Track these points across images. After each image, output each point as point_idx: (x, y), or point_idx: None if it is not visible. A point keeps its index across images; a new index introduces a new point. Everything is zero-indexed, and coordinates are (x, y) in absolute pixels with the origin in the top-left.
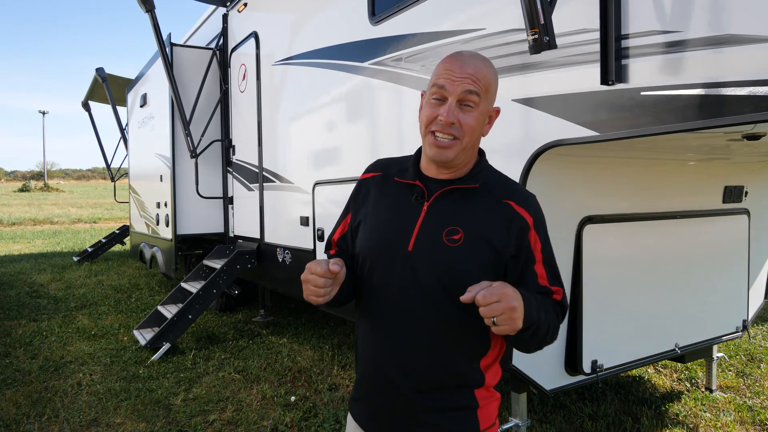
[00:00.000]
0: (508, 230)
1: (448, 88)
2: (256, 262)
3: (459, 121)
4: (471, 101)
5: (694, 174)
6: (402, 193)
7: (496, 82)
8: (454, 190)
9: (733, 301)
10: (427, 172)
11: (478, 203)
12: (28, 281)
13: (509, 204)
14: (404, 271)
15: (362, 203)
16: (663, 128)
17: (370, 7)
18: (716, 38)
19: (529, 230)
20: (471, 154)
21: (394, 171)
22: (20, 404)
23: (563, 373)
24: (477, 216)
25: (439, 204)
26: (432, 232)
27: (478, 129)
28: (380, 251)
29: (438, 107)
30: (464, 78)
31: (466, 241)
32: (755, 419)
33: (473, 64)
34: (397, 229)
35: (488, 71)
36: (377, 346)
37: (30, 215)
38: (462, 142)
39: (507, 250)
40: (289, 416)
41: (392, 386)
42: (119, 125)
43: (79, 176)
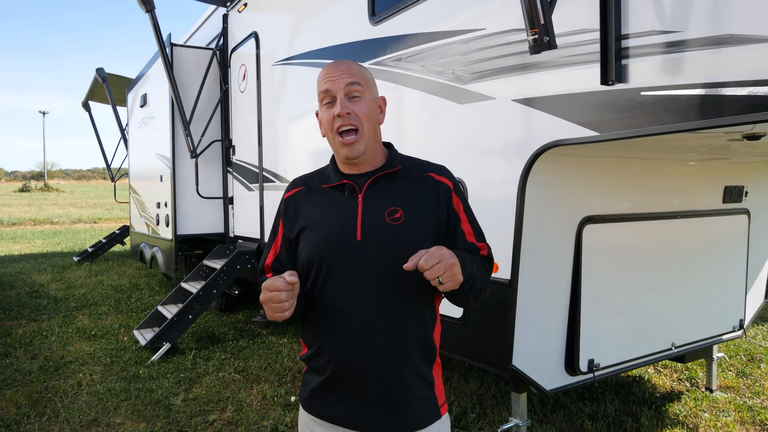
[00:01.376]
0: (437, 198)
1: (332, 87)
2: (256, 262)
3: (353, 111)
4: (356, 91)
5: (694, 174)
6: (333, 195)
7: (371, 76)
8: (379, 177)
9: (730, 301)
10: (349, 171)
11: (404, 183)
12: (29, 281)
13: (430, 176)
14: (357, 260)
15: (294, 218)
16: (663, 128)
17: (370, 7)
18: (716, 38)
19: (451, 194)
20: (378, 144)
21: (315, 182)
22: (20, 404)
23: (563, 373)
24: (408, 193)
25: (371, 192)
26: (374, 217)
27: (372, 115)
28: (331, 249)
29: (331, 108)
30: (341, 74)
31: (407, 217)
32: (755, 419)
33: (344, 63)
34: (341, 225)
35: (360, 66)
36: (344, 336)
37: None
38: (363, 130)
39: (441, 216)
40: (289, 416)
41: (361, 374)
42: (119, 125)
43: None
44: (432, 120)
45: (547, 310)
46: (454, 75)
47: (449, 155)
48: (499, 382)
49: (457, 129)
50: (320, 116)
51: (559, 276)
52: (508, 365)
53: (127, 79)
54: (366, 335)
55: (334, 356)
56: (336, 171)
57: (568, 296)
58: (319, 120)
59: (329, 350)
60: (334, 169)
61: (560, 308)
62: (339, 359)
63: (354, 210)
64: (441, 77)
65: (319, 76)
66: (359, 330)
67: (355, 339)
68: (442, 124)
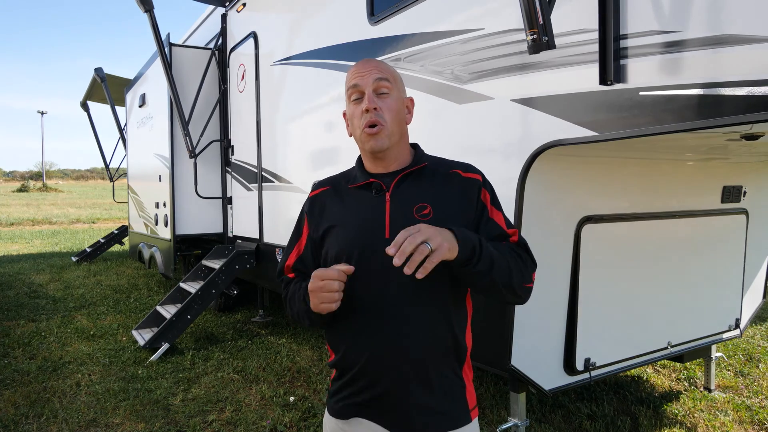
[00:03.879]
0: (465, 193)
1: (361, 83)
2: (255, 263)
3: (380, 107)
4: (384, 87)
5: (693, 174)
6: (360, 194)
7: (399, 76)
8: (406, 175)
9: (728, 301)
10: (375, 171)
11: (431, 179)
12: (27, 281)
13: (457, 173)
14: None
15: (319, 217)
16: (662, 128)
17: (369, 7)
18: (715, 38)
19: (480, 187)
20: (405, 143)
21: (342, 183)
22: (19, 405)
23: (562, 373)
24: (436, 190)
25: (398, 190)
26: (403, 214)
27: (399, 113)
28: (359, 247)
29: (359, 104)
30: (371, 70)
31: (436, 212)
32: (753, 419)
33: (373, 61)
34: (369, 223)
35: (388, 65)
36: (368, 339)
37: (28, 215)
38: (388, 127)
39: (469, 210)
40: (288, 416)
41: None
42: (118, 125)
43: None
44: (431, 120)
45: (545, 310)
46: (453, 75)
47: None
48: (497, 382)
49: (456, 129)
50: (348, 113)
51: (558, 276)
52: (507, 365)
53: (125, 80)
54: (395, 334)
55: (363, 356)
56: (362, 171)
57: (567, 296)
58: (347, 118)
59: (358, 350)
60: (360, 169)
61: (559, 308)
62: (367, 359)
63: (382, 208)
64: (440, 77)
65: (348, 74)
66: (388, 329)
67: (384, 338)
68: (441, 124)
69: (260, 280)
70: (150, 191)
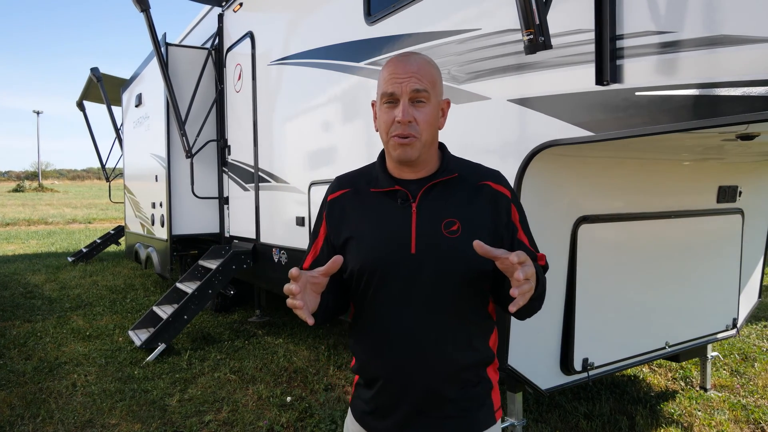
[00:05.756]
0: (495, 208)
1: (397, 90)
2: (252, 263)
3: (415, 119)
4: (422, 97)
5: (689, 174)
6: (384, 202)
7: (440, 77)
8: (434, 184)
9: (724, 300)
10: (400, 176)
11: (460, 191)
12: (23, 282)
13: (487, 184)
14: (411, 273)
15: (340, 222)
16: (658, 128)
17: (365, 7)
18: (710, 39)
19: (510, 203)
20: (433, 149)
21: (363, 183)
22: (14, 405)
23: (558, 373)
24: (465, 203)
25: (425, 202)
26: (430, 229)
27: (434, 123)
28: (384, 263)
29: (392, 110)
30: (409, 77)
31: (465, 228)
32: (749, 418)
33: (415, 63)
34: (394, 237)
35: (431, 67)
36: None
37: (24, 215)
38: (421, 139)
39: (499, 227)
40: (285, 417)
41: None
42: (114, 125)
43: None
44: None
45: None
46: (450, 75)
47: None
48: None
49: (453, 129)
50: (378, 113)
51: (555, 276)
52: (504, 365)
53: (121, 79)
54: (418, 348)
55: (386, 369)
56: (385, 173)
57: (564, 296)
58: (375, 113)
59: (380, 362)
60: (383, 170)
61: (555, 308)
62: (390, 372)
63: (408, 221)
64: None
65: (384, 71)
66: (411, 343)
67: (407, 352)
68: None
69: (257, 280)
70: (146, 191)
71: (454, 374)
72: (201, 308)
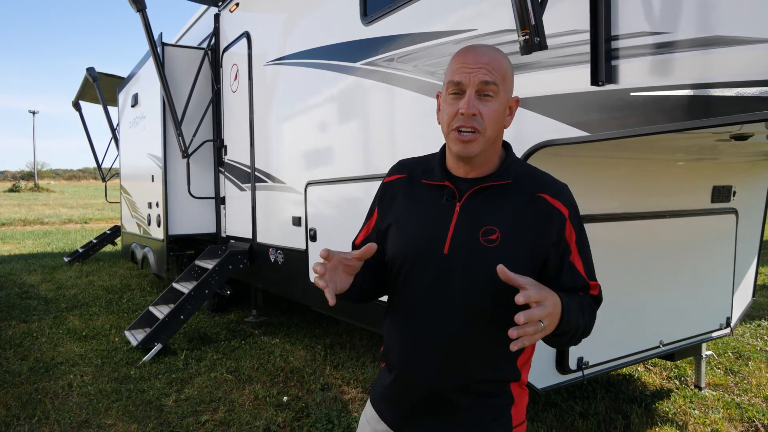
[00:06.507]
0: (545, 225)
1: (465, 80)
2: (249, 263)
3: (480, 113)
4: (490, 91)
5: (683, 174)
6: (432, 195)
7: (512, 72)
8: (485, 188)
9: (718, 299)
10: (455, 172)
11: (511, 200)
12: (18, 282)
13: (543, 197)
14: (442, 273)
15: (389, 206)
16: (652, 128)
17: (362, 7)
18: (704, 40)
19: (565, 222)
20: (496, 147)
21: (419, 172)
22: (10, 406)
23: (554, 372)
24: (512, 214)
25: (471, 204)
26: (467, 233)
27: (500, 120)
28: (415, 255)
29: (457, 102)
30: (479, 68)
31: (503, 240)
32: (743, 416)
33: (487, 54)
34: (430, 233)
35: (503, 60)
36: (413, 346)
37: (20, 216)
38: (485, 134)
39: (545, 246)
40: (282, 416)
41: (429, 385)
42: (110, 125)
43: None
44: (424, 120)
45: None
46: None
47: None
48: None
49: None
50: (442, 103)
51: None
52: None
53: (118, 79)
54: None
55: (402, 358)
56: (441, 167)
57: None
58: (438, 106)
59: (398, 352)
60: (440, 163)
61: None
62: (405, 363)
63: (448, 219)
64: (433, 77)
65: (453, 61)
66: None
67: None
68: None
69: (254, 280)
70: (143, 191)
71: (469, 385)
72: (197, 308)
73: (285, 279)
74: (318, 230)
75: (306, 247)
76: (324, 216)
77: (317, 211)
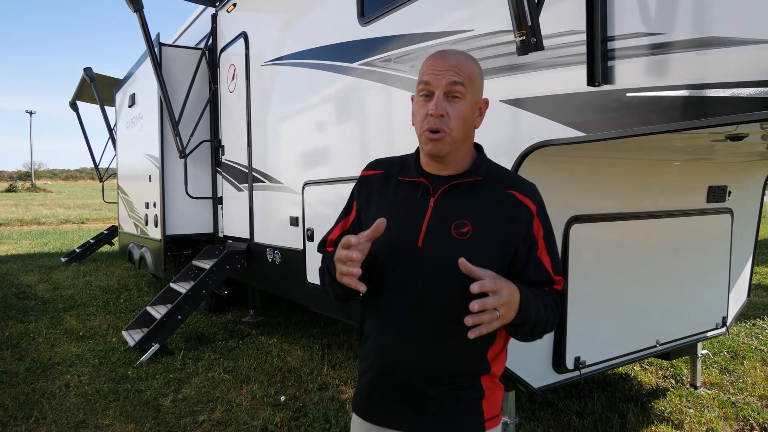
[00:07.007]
0: (514, 219)
1: (433, 82)
2: (246, 263)
3: (447, 113)
4: (457, 92)
5: (679, 174)
6: (407, 191)
7: (480, 74)
8: (458, 184)
9: (714, 299)
10: (430, 170)
11: (482, 196)
12: (15, 282)
13: (513, 194)
14: (415, 266)
15: (365, 201)
16: (648, 129)
17: (359, 7)
18: (700, 40)
19: (533, 218)
20: (467, 147)
21: (395, 170)
22: (7, 406)
23: (551, 371)
24: (483, 208)
25: (444, 199)
26: (440, 226)
27: (468, 120)
28: (390, 248)
29: (427, 104)
30: (447, 70)
31: (475, 233)
32: (738, 415)
33: (455, 57)
34: (405, 226)
35: (471, 63)
36: (387, 339)
37: (17, 216)
38: (452, 134)
39: (514, 240)
40: (279, 416)
41: (401, 377)
42: (107, 125)
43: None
44: None
45: None
46: None
47: None
48: None
49: None
50: (414, 105)
51: None
52: None
53: (115, 79)
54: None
55: (377, 351)
56: (417, 165)
57: None
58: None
59: (374, 344)
60: (415, 161)
61: None
62: (380, 356)
63: (422, 214)
64: None
65: (423, 64)
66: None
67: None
68: None
69: (251, 280)
70: (140, 191)
71: (441, 377)
72: (195, 308)
73: (282, 279)
74: (315, 230)
75: (303, 247)
76: (321, 216)
77: (314, 212)
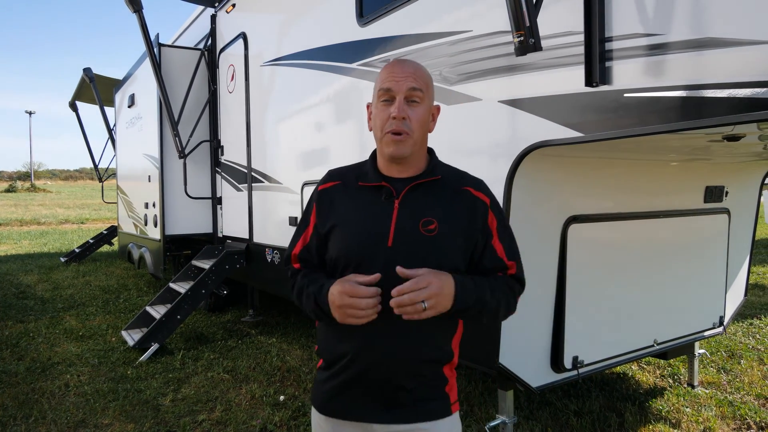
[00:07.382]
0: (473, 213)
1: (395, 88)
2: (245, 263)
3: (408, 116)
4: (416, 97)
5: (677, 174)
6: (370, 195)
7: (432, 82)
8: (418, 185)
9: (711, 299)
10: (389, 173)
11: (442, 194)
12: (15, 282)
13: (468, 190)
14: (385, 266)
15: (327, 212)
16: (646, 129)
17: (358, 8)
18: (697, 41)
19: (488, 210)
20: (423, 150)
21: (352, 177)
22: (7, 406)
23: (549, 371)
24: (445, 205)
25: (408, 199)
26: (408, 225)
27: (425, 123)
28: (361, 251)
29: (388, 108)
30: (407, 77)
31: (441, 229)
32: (735, 414)
33: (412, 65)
34: (374, 228)
35: (425, 71)
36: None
37: (16, 216)
38: (413, 136)
39: (474, 232)
40: (278, 416)
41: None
42: (107, 125)
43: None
44: None
45: (533, 308)
46: (442, 76)
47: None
48: (486, 379)
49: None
50: (373, 112)
51: (545, 275)
52: (495, 363)
53: (114, 80)
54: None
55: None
56: (375, 170)
57: (554, 295)
58: (370, 114)
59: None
60: (373, 167)
61: (546, 307)
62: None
63: (389, 215)
64: None
65: (382, 72)
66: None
67: (373, 338)
68: None
69: (250, 280)
70: (139, 191)
71: (414, 366)
72: (194, 308)
73: (282, 279)
74: None
75: None
76: None
77: None
